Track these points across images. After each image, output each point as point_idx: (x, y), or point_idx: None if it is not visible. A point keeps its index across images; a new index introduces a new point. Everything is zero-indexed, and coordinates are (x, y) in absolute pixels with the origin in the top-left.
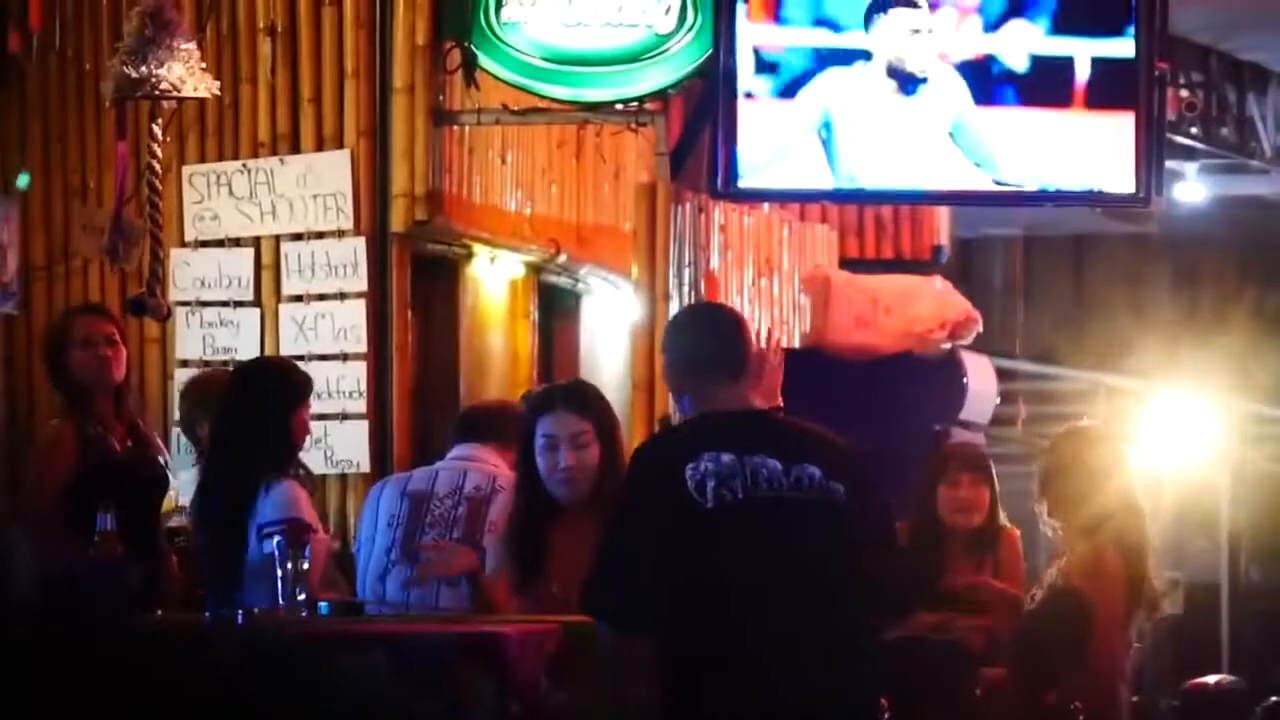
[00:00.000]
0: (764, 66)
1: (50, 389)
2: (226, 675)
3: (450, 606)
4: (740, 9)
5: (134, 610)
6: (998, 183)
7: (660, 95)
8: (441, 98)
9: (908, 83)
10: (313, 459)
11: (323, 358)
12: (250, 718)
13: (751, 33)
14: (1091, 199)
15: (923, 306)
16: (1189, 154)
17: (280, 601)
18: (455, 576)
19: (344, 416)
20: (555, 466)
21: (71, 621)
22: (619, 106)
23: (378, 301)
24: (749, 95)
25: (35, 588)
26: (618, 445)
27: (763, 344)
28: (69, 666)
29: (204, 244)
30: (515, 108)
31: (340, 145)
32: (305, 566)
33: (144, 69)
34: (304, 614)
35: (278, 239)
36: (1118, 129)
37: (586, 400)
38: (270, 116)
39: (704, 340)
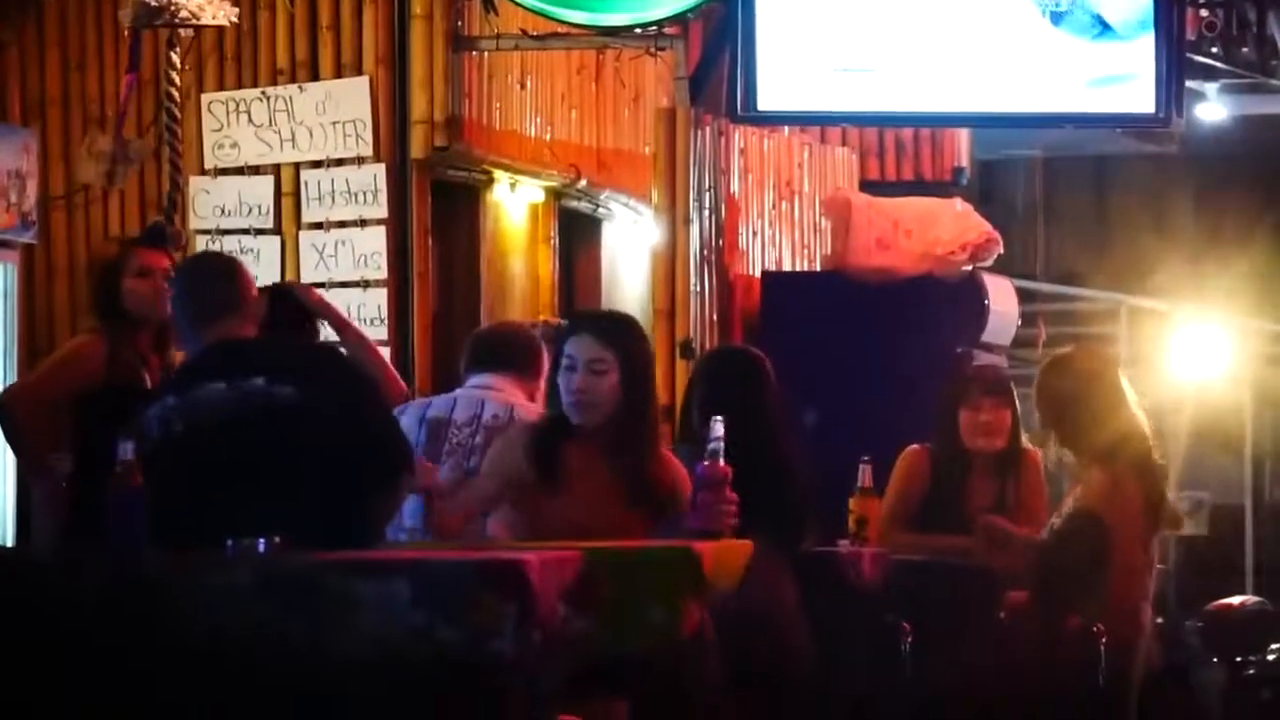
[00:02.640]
0: None
1: (74, 317)
2: (247, 604)
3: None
4: None
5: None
6: None
7: (679, 19)
8: (460, 23)
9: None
10: None
11: (343, 285)
12: (272, 646)
13: None
14: (1112, 120)
15: (943, 228)
16: (1209, 74)
17: None
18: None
19: None
20: (569, 388)
21: (93, 551)
22: (638, 31)
23: (398, 228)
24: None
25: (54, 519)
26: (641, 380)
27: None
28: (90, 594)
29: (223, 172)
30: (534, 33)
31: (359, 72)
32: None
33: None
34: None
35: (297, 166)
36: (1138, 50)
37: (614, 330)
38: (289, 44)
39: (191, 291)
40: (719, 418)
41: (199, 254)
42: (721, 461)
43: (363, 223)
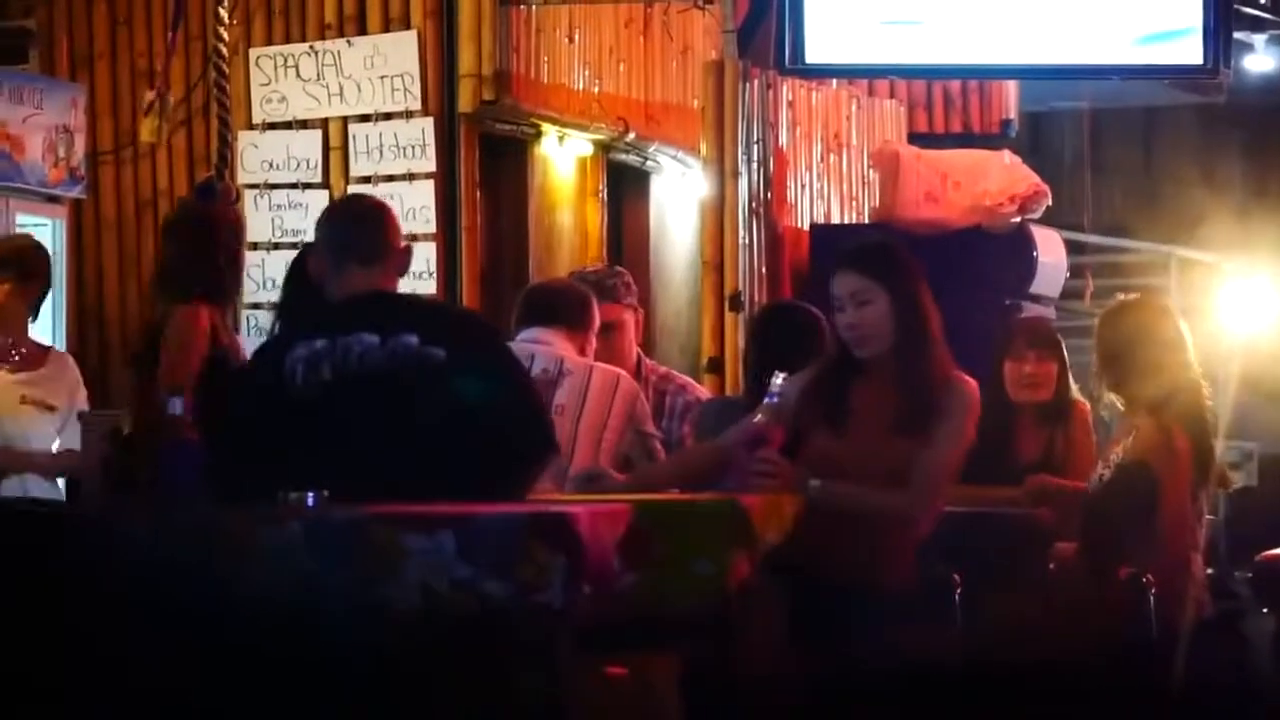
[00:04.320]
0: None
1: (122, 272)
2: (295, 557)
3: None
4: None
5: (209, 495)
6: None
7: None
8: None
9: None
10: None
11: None
12: (318, 598)
13: None
14: (1160, 71)
15: (991, 180)
16: (1257, 25)
17: None
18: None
19: None
20: (842, 327)
21: (148, 504)
22: None
23: (446, 182)
24: None
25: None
26: (912, 301)
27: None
28: (142, 549)
29: (272, 126)
30: None
31: (407, 26)
32: None
33: None
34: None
35: (345, 120)
36: (1187, 4)
37: (867, 258)
38: None
39: (339, 228)
40: (781, 373)
41: (350, 195)
42: (768, 419)
43: (411, 177)
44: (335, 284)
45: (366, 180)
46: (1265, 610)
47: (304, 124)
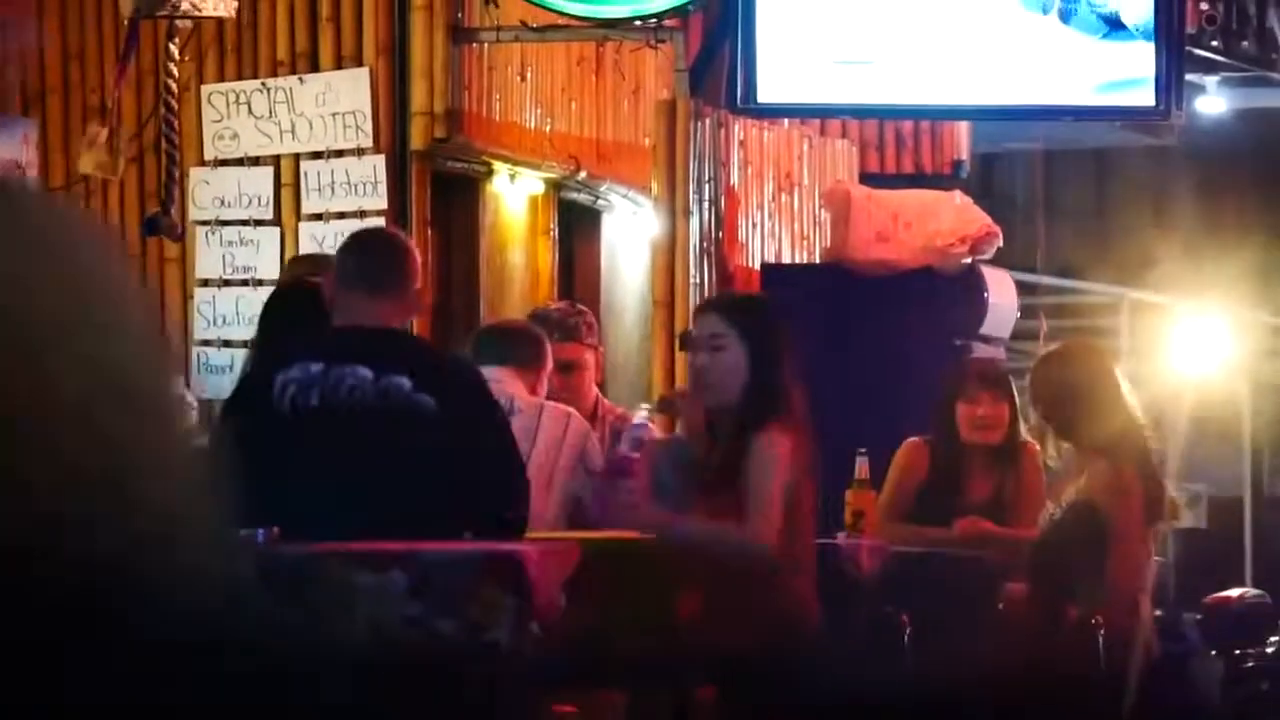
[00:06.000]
0: None
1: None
2: (244, 593)
3: None
4: None
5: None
6: None
7: (680, 11)
8: (460, 15)
9: None
10: None
11: None
12: (267, 636)
13: None
14: (1112, 113)
15: (943, 221)
16: (1209, 67)
17: None
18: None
19: None
20: (693, 369)
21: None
22: (638, 23)
23: (397, 219)
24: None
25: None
26: (769, 354)
27: None
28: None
29: (223, 163)
30: (534, 25)
31: (359, 63)
32: None
33: None
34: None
35: (297, 157)
36: (1140, 49)
37: (732, 305)
38: (289, 35)
39: (355, 257)
40: (645, 405)
41: (376, 227)
42: (630, 449)
43: (362, 214)
44: (339, 306)
45: (318, 217)
46: (1213, 653)
47: (255, 160)
